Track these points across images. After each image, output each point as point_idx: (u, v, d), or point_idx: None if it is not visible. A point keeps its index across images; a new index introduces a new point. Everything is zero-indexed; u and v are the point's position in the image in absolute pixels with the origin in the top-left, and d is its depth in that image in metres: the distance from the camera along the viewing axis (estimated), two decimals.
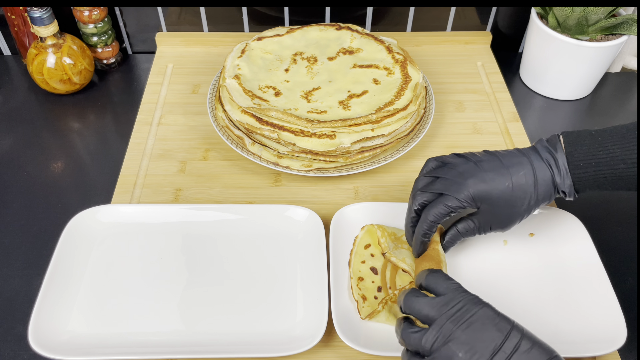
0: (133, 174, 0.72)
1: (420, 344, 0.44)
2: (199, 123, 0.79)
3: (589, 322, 0.56)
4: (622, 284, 0.61)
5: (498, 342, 0.42)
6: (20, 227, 0.67)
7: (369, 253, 0.61)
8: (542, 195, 0.54)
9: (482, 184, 0.53)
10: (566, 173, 0.54)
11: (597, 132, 0.54)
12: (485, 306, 0.45)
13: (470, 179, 0.53)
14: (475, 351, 0.42)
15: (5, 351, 0.55)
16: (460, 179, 0.53)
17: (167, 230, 0.64)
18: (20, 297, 0.60)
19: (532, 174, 0.53)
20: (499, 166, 0.54)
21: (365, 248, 0.61)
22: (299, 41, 0.82)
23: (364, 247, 0.61)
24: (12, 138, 0.79)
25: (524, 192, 0.53)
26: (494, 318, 0.44)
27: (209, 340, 0.54)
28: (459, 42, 0.94)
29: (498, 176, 0.53)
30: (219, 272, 0.60)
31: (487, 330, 0.43)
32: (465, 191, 0.53)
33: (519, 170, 0.53)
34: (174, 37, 0.93)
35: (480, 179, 0.53)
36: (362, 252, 0.60)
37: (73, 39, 0.82)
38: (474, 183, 0.53)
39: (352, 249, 0.61)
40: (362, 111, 0.70)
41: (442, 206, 0.53)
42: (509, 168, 0.53)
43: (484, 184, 0.53)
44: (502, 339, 0.42)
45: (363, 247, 0.61)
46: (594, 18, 0.76)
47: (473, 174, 0.53)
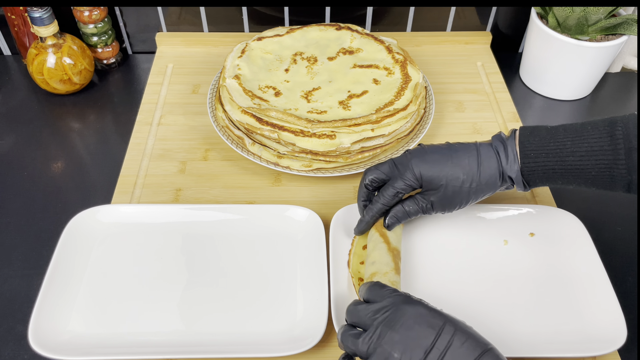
0: (133, 174, 0.72)
1: (357, 347, 0.45)
2: (199, 123, 0.79)
3: (589, 322, 0.56)
4: (622, 284, 0.61)
5: (430, 340, 0.42)
6: (20, 227, 0.67)
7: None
8: (486, 180, 0.56)
9: (424, 164, 0.56)
10: (514, 159, 0.55)
11: (553, 127, 0.56)
12: (416, 304, 0.45)
13: (414, 159, 0.56)
14: (408, 350, 0.42)
15: (5, 351, 0.55)
16: (405, 159, 0.57)
17: (167, 230, 0.64)
18: (20, 297, 0.60)
19: (475, 158, 0.56)
20: (445, 149, 0.57)
21: (364, 249, 0.61)
22: (299, 41, 0.82)
23: (362, 247, 0.61)
24: (12, 138, 0.79)
25: (466, 173, 0.55)
26: (425, 315, 0.44)
27: (209, 340, 0.54)
28: (459, 42, 0.94)
29: (442, 157, 0.56)
30: (218, 272, 0.60)
31: (419, 328, 0.43)
32: (409, 171, 0.56)
33: (464, 154, 0.56)
34: (174, 37, 0.93)
35: (422, 160, 0.56)
36: (360, 252, 0.61)
37: (73, 39, 0.82)
38: (417, 163, 0.56)
39: (350, 249, 0.61)
40: (362, 111, 0.70)
41: (390, 188, 0.57)
42: (456, 152, 0.57)
43: (426, 165, 0.56)
44: (435, 336, 0.43)
45: (361, 247, 0.61)
46: (594, 18, 0.76)
47: (417, 155, 0.57)
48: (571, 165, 0.53)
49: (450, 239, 0.63)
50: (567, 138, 0.53)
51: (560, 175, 0.54)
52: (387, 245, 0.58)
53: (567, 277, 0.60)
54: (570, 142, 0.53)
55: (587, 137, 0.52)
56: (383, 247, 0.57)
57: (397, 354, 0.42)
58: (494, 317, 0.57)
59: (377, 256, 0.57)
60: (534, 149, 0.55)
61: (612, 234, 0.67)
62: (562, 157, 0.53)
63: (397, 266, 0.56)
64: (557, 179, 0.55)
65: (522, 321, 0.56)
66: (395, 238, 0.59)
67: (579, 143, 0.53)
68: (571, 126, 0.55)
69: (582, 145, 0.52)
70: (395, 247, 0.58)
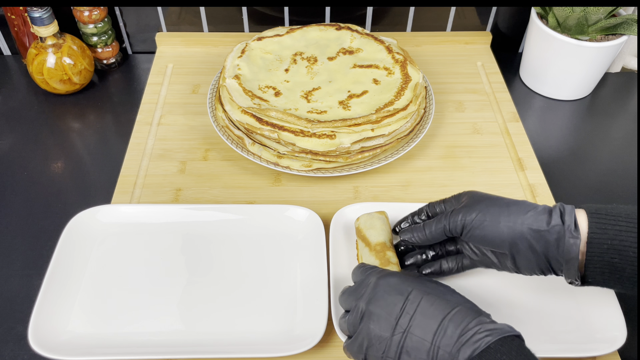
0: (133, 174, 0.72)
1: (346, 327, 0.48)
2: (199, 123, 0.79)
3: (589, 322, 0.56)
4: None
5: (400, 306, 0.44)
6: (20, 227, 0.67)
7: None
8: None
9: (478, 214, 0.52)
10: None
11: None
12: (388, 276, 0.47)
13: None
14: (382, 318, 0.45)
15: (5, 351, 0.55)
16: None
17: (167, 230, 0.64)
18: (20, 297, 0.60)
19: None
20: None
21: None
22: (299, 41, 0.82)
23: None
24: (12, 138, 0.79)
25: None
26: (396, 284, 0.46)
27: (209, 340, 0.54)
28: (459, 42, 0.94)
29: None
30: (218, 272, 0.60)
31: (389, 297, 0.45)
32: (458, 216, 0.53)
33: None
34: (174, 37, 0.93)
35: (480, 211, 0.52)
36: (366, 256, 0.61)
37: (73, 39, 0.82)
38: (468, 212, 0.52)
39: (357, 253, 0.61)
40: (362, 111, 0.70)
41: (439, 224, 0.54)
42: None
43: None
44: (403, 302, 0.44)
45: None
46: (594, 18, 0.76)
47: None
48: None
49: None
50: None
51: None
52: (368, 247, 0.58)
53: None
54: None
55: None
56: (367, 252, 0.58)
57: (372, 325, 0.45)
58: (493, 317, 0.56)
59: (364, 262, 0.57)
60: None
61: None
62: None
63: (382, 261, 0.56)
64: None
65: (523, 321, 0.56)
66: (375, 233, 0.59)
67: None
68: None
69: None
70: (377, 242, 0.58)
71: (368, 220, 0.60)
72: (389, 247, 0.58)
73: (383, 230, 0.59)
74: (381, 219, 0.60)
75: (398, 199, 0.69)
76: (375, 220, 0.60)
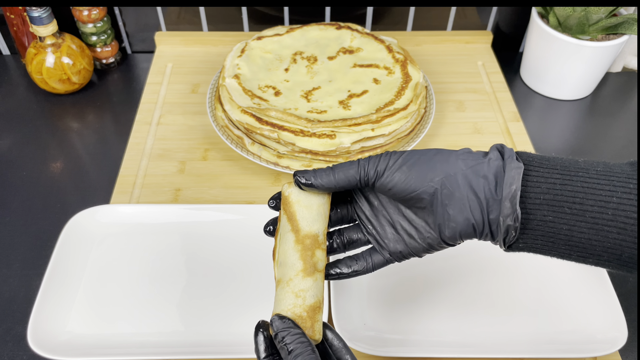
0: (132, 174, 0.71)
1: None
2: (199, 123, 0.79)
3: (589, 322, 0.56)
4: (622, 284, 0.61)
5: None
6: (19, 228, 0.67)
7: None
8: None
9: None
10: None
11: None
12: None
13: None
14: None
15: (5, 352, 0.55)
16: None
17: (167, 230, 0.64)
18: (19, 297, 0.60)
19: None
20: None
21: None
22: (298, 40, 0.81)
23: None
24: (11, 138, 0.78)
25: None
26: None
27: (208, 341, 0.54)
28: (459, 41, 0.94)
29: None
30: (218, 273, 0.60)
31: None
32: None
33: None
34: (174, 37, 0.93)
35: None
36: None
37: (72, 38, 0.82)
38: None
39: (277, 228, 0.45)
40: (362, 111, 0.70)
41: (353, 166, 0.43)
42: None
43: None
44: None
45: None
46: (595, 18, 0.76)
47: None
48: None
49: None
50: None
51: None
52: (295, 235, 0.42)
53: (568, 277, 0.60)
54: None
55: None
56: (290, 239, 0.42)
57: None
58: (494, 318, 0.56)
59: (282, 253, 0.43)
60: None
61: None
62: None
63: (307, 265, 0.41)
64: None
65: (523, 321, 0.56)
66: (309, 216, 0.43)
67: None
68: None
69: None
70: (307, 233, 0.42)
71: (304, 194, 0.43)
72: (322, 243, 0.43)
73: (320, 216, 0.43)
74: (321, 197, 0.43)
75: None
76: (314, 199, 0.43)
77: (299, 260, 0.42)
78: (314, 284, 0.41)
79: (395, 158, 0.41)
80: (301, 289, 0.41)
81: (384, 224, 0.44)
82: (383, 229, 0.44)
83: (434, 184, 0.40)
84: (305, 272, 0.41)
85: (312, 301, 0.41)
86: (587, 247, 0.39)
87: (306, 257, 0.42)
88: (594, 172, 0.39)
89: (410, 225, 0.43)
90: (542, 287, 0.59)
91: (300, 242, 0.42)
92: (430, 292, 0.58)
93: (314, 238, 0.42)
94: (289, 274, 0.41)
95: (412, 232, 0.43)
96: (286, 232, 0.43)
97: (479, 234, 0.41)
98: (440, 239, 0.42)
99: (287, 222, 0.43)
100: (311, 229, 0.42)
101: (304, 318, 0.40)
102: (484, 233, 0.41)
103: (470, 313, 0.57)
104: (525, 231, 0.40)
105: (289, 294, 0.41)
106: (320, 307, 0.41)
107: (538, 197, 0.39)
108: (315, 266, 0.42)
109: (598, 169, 0.39)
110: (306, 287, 0.41)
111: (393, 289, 0.59)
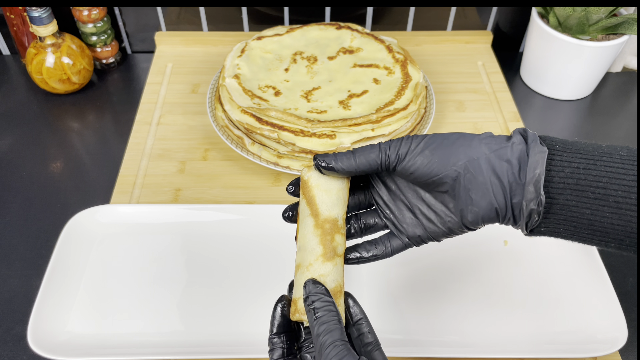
0: (132, 174, 0.71)
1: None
2: (199, 123, 0.79)
3: (589, 323, 0.56)
4: (622, 284, 0.61)
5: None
6: (20, 227, 0.67)
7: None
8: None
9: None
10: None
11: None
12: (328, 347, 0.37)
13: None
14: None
15: (5, 352, 0.55)
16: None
17: (167, 230, 0.63)
18: (19, 297, 0.60)
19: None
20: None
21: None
22: (298, 40, 0.81)
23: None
24: (11, 138, 0.78)
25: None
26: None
27: (209, 341, 0.54)
28: (459, 41, 0.94)
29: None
30: (218, 273, 0.60)
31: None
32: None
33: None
34: (174, 37, 0.93)
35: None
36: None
37: (72, 38, 0.82)
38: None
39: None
40: (363, 111, 0.70)
41: (374, 150, 0.43)
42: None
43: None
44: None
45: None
46: (595, 18, 0.76)
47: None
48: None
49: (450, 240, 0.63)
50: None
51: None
52: (314, 219, 0.42)
53: (567, 277, 0.60)
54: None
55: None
56: (309, 223, 0.42)
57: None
58: (494, 317, 0.56)
59: (302, 238, 0.42)
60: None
61: None
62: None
63: (326, 249, 0.41)
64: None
65: (523, 321, 0.56)
66: (329, 200, 0.42)
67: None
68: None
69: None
70: (327, 217, 0.42)
71: (324, 178, 0.43)
72: (341, 228, 0.42)
73: (340, 200, 0.42)
74: (341, 182, 0.43)
75: None
76: (333, 183, 0.43)
77: (318, 244, 0.41)
78: (334, 269, 0.41)
79: (417, 142, 0.41)
80: (321, 274, 0.40)
81: (402, 209, 0.44)
82: (401, 213, 0.44)
83: (457, 168, 0.40)
84: (325, 256, 0.41)
85: (333, 286, 0.40)
86: (609, 232, 0.38)
87: (326, 242, 0.41)
88: (617, 156, 0.38)
89: (430, 209, 0.43)
90: (542, 287, 0.59)
91: (320, 226, 0.42)
92: (430, 292, 0.58)
93: (333, 222, 0.42)
94: (309, 258, 0.41)
95: (431, 216, 0.43)
96: (305, 217, 0.42)
97: (502, 218, 0.40)
98: (461, 224, 0.42)
99: (306, 206, 0.42)
100: (330, 213, 0.42)
101: None
102: (506, 217, 0.40)
103: (470, 313, 0.57)
104: (547, 215, 0.39)
105: (308, 276, 0.41)
106: (340, 292, 0.41)
107: (562, 181, 0.39)
108: (335, 250, 0.41)
109: (622, 153, 0.39)
110: (326, 271, 0.41)
111: (393, 289, 0.59)
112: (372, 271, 0.60)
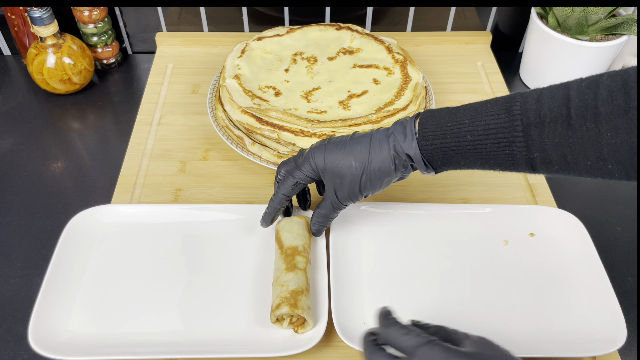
0: (133, 174, 0.72)
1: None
2: (199, 123, 0.79)
3: (589, 322, 0.56)
4: (622, 284, 0.61)
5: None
6: (20, 227, 0.67)
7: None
8: (378, 165, 0.53)
9: (321, 154, 0.55)
10: (412, 138, 0.52)
11: (455, 107, 0.52)
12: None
13: (313, 150, 0.56)
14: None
15: (5, 351, 0.55)
16: (307, 151, 0.57)
17: (167, 230, 0.64)
18: (20, 297, 0.60)
19: (367, 143, 0.54)
20: (344, 139, 0.56)
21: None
22: (298, 41, 0.82)
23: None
24: (12, 138, 0.79)
25: (358, 160, 0.54)
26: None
27: (209, 340, 0.54)
28: (459, 42, 0.94)
29: (338, 147, 0.55)
30: (218, 272, 0.60)
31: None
32: (307, 162, 0.56)
33: (357, 141, 0.55)
34: (174, 37, 0.93)
35: (321, 150, 0.56)
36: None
37: (73, 39, 0.82)
38: (315, 153, 0.56)
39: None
40: (362, 111, 0.70)
41: (289, 178, 0.57)
42: (352, 140, 0.55)
43: (322, 155, 0.55)
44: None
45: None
46: (594, 18, 0.76)
47: (318, 146, 0.56)
48: (470, 145, 0.49)
49: (450, 240, 0.63)
50: (466, 117, 0.50)
51: (461, 155, 0.50)
52: (280, 249, 0.59)
53: (567, 277, 0.60)
54: (468, 120, 0.49)
55: (485, 115, 0.49)
56: (278, 254, 0.59)
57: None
58: (494, 317, 0.57)
59: (274, 264, 0.59)
60: (432, 130, 0.51)
61: (612, 234, 0.67)
62: (460, 136, 0.50)
63: (288, 265, 0.57)
64: (459, 159, 0.51)
65: (522, 321, 0.56)
66: (290, 237, 0.59)
67: (477, 121, 0.49)
68: (471, 105, 0.51)
69: (480, 124, 0.49)
70: (289, 246, 0.58)
71: (287, 224, 0.61)
72: (301, 252, 0.58)
73: (299, 235, 0.60)
74: (300, 223, 0.61)
75: (398, 199, 0.69)
76: (294, 225, 0.61)
77: (282, 263, 0.57)
78: (294, 277, 0.56)
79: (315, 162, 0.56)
80: (285, 281, 0.55)
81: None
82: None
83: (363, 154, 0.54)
84: (287, 269, 0.56)
85: (294, 287, 0.55)
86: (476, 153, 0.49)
87: (288, 261, 0.57)
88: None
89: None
90: (541, 287, 0.59)
91: (284, 252, 0.58)
92: (430, 292, 0.59)
93: (294, 249, 0.58)
94: (276, 274, 0.57)
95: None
96: (276, 251, 0.59)
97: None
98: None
99: (276, 244, 0.60)
100: (291, 243, 0.59)
101: (288, 298, 0.54)
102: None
103: (470, 313, 0.57)
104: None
105: (277, 286, 0.56)
106: (302, 292, 0.54)
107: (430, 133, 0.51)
108: (295, 265, 0.57)
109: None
110: (288, 279, 0.55)
111: (393, 289, 0.59)
112: (372, 271, 0.60)
